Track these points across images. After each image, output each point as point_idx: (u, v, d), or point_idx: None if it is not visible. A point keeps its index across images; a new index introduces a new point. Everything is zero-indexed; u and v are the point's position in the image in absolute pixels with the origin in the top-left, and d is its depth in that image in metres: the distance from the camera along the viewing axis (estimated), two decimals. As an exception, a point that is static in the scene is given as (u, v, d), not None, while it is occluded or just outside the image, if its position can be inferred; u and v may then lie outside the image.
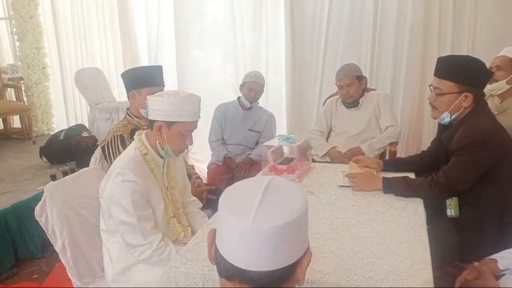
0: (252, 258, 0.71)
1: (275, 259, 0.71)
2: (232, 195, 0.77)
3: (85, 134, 3.95)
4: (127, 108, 2.25)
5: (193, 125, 1.61)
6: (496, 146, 1.68)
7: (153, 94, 1.65)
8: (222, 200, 0.77)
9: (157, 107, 1.56)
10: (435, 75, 1.81)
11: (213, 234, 0.80)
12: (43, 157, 3.84)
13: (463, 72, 1.73)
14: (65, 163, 3.47)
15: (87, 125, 4.43)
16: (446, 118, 1.82)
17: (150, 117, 1.61)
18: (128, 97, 2.20)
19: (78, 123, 4.81)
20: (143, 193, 1.53)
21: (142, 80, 2.14)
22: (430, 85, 1.86)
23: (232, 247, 0.73)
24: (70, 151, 3.69)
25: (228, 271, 0.74)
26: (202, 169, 3.83)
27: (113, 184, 1.51)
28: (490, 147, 1.67)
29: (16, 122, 5.22)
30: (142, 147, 1.62)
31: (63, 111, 5.31)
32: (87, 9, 4.99)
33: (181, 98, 1.55)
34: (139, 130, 1.72)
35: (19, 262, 2.78)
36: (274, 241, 0.70)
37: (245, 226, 0.70)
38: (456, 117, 1.81)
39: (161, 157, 1.68)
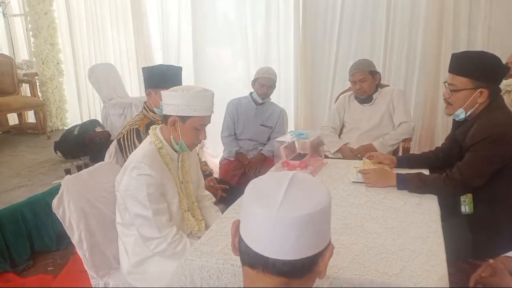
0: (276, 246, 0.73)
1: (298, 248, 0.73)
2: (259, 186, 0.80)
3: (99, 129, 4.00)
4: (144, 102, 2.27)
5: (206, 119, 1.63)
6: (510, 141, 1.65)
7: None
8: (249, 190, 0.79)
9: (171, 102, 1.57)
10: (449, 71, 1.79)
11: (236, 224, 0.82)
12: (57, 151, 3.90)
13: (478, 68, 1.71)
14: (79, 157, 3.52)
15: (100, 120, 4.48)
16: (461, 114, 1.80)
17: (164, 112, 1.63)
18: (145, 93, 2.22)
19: (92, 118, 4.86)
20: (158, 186, 1.55)
21: (161, 80, 2.14)
22: (444, 82, 1.84)
23: (256, 235, 0.75)
24: (84, 146, 3.73)
25: (251, 259, 0.76)
26: (215, 164, 3.86)
27: (129, 178, 1.53)
28: (504, 142, 1.65)
29: (31, 117, 5.31)
30: (157, 141, 1.64)
31: (77, 107, 5.38)
32: (100, 5, 5.03)
33: (195, 93, 1.56)
34: (154, 125, 1.74)
35: (35, 254, 2.84)
36: (297, 230, 0.72)
37: (271, 215, 0.72)
38: (471, 113, 1.79)
39: (176, 151, 1.70)
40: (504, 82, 2.57)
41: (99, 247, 1.72)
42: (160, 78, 2.16)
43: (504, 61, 2.57)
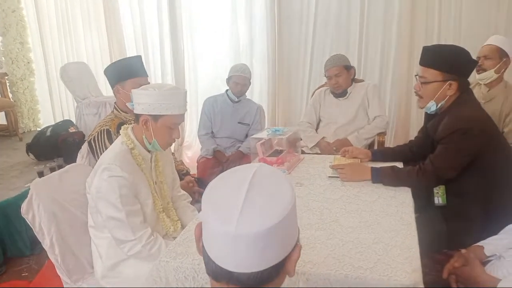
0: (239, 261, 0.69)
1: (263, 260, 0.70)
2: (216, 192, 0.74)
3: (72, 129, 3.90)
4: (115, 103, 2.23)
5: (179, 118, 1.60)
6: (480, 134, 1.69)
7: (137, 85, 1.63)
8: (206, 198, 0.74)
9: (142, 101, 1.54)
10: (420, 63, 1.82)
11: (200, 228, 0.78)
12: (30, 154, 3.78)
13: (447, 61, 1.74)
14: (53, 159, 3.43)
15: (74, 120, 4.37)
16: (432, 107, 1.83)
17: (135, 111, 1.59)
18: (113, 92, 2.17)
19: (65, 118, 4.74)
20: (130, 188, 1.52)
21: (124, 72, 2.11)
22: (416, 75, 1.87)
23: (217, 250, 0.71)
24: (57, 147, 3.64)
25: (215, 273, 0.72)
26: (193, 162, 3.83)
27: (100, 179, 1.49)
28: (474, 135, 1.68)
29: (1, 118, 5.13)
30: (128, 142, 1.60)
31: (50, 107, 5.22)
32: (71, 2, 4.90)
33: (167, 91, 1.53)
34: (125, 125, 1.70)
35: (7, 260, 2.76)
36: (260, 245, 0.68)
37: (229, 231, 0.67)
38: (442, 106, 1.82)
39: (148, 151, 1.67)
40: (476, 76, 2.62)
41: (72, 251, 1.67)
42: (124, 69, 2.13)
43: (475, 56, 2.63)
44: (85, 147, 2.18)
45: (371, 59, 3.87)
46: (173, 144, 4.39)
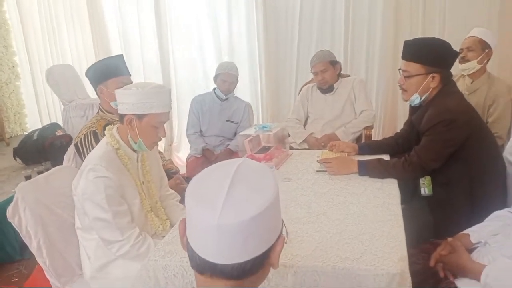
0: (222, 252, 0.70)
1: (246, 251, 0.70)
2: (199, 185, 0.75)
3: (59, 132, 3.85)
4: (99, 104, 2.21)
5: (164, 116, 1.59)
6: (463, 125, 1.72)
7: (120, 84, 1.62)
8: (189, 191, 0.74)
9: (126, 100, 1.53)
10: (402, 58, 1.84)
11: (184, 223, 0.78)
12: (17, 158, 3.74)
13: (428, 54, 1.77)
14: (40, 163, 3.40)
15: (61, 123, 4.33)
16: (416, 100, 1.86)
17: (119, 111, 1.58)
18: (97, 93, 2.16)
19: (52, 122, 4.69)
20: (116, 188, 1.51)
21: (106, 72, 2.09)
22: (399, 69, 1.89)
23: (200, 241, 0.72)
24: (44, 151, 3.60)
25: (199, 265, 0.73)
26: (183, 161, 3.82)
27: (86, 181, 1.48)
28: (458, 126, 1.71)
29: (-13, 124, 5.06)
30: (113, 142, 1.59)
31: (36, 111, 5.15)
32: (54, 5, 4.84)
33: (150, 90, 1.52)
34: (110, 125, 1.69)
35: (-4, 265, 2.73)
36: (243, 235, 0.69)
37: (212, 222, 0.68)
38: (426, 98, 1.84)
39: (134, 151, 1.66)
40: (460, 66, 2.66)
41: (60, 254, 1.66)
42: (104, 69, 2.11)
43: (457, 47, 2.66)
44: (71, 149, 2.17)
45: (356, 54, 3.89)
46: (163, 145, 4.40)
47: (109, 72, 2.08)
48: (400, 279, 1.14)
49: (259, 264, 0.73)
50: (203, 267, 0.72)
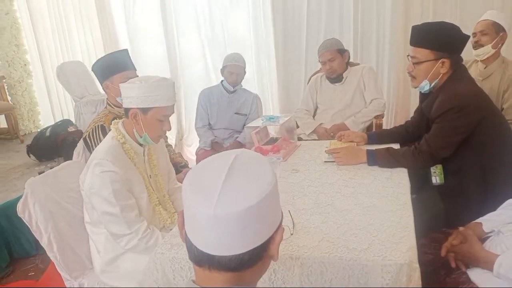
0: (219, 243, 0.69)
1: (243, 242, 0.70)
2: (197, 176, 0.74)
3: (71, 129, 3.91)
4: (107, 99, 2.22)
5: (168, 110, 1.58)
6: (475, 111, 1.67)
7: (126, 79, 1.62)
8: (186, 183, 0.74)
9: (130, 94, 1.53)
10: (411, 44, 1.79)
11: (182, 215, 0.77)
12: (31, 155, 3.81)
13: (437, 38, 1.71)
14: (53, 159, 3.45)
15: (73, 120, 4.38)
16: (425, 86, 1.81)
17: (124, 105, 1.58)
18: (103, 88, 2.17)
19: (64, 118, 4.75)
20: (123, 182, 1.51)
21: (111, 67, 2.10)
22: (407, 55, 1.84)
23: (198, 233, 0.71)
24: (57, 147, 3.66)
25: (197, 257, 0.72)
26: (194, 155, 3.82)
27: (92, 175, 1.49)
28: (469, 112, 1.66)
29: (2, 122, 5.15)
30: (119, 136, 1.59)
31: (49, 108, 5.23)
32: (63, 2, 4.88)
33: (154, 83, 1.51)
34: (115, 119, 1.69)
35: (14, 261, 2.79)
36: (240, 225, 0.68)
37: (208, 212, 0.67)
38: (436, 84, 1.79)
39: (141, 145, 1.66)
40: (473, 52, 2.58)
41: (71, 248, 1.68)
42: (109, 65, 2.12)
43: (471, 32, 2.58)
44: (80, 144, 2.18)
45: (366, 42, 3.82)
46: (173, 139, 4.41)
47: (114, 67, 2.08)
48: (408, 270, 1.11)
49: (258, 256, 0.72)
50: (200, 259, 0.72)
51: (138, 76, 2.07)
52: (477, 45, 2.54)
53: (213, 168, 0.74)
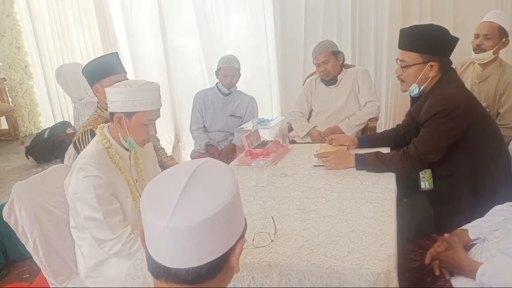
0: (175, 256, 0.68)
1: (199, 255, 0.68)
2: (154, 188, 0.73)
3: (69, 131, 3.93)
4: (97, 102, 2.22)
5: (153, 114, 1.57)
6: (464, 113, 1.64)
7: (115, 82, 1.62)
8: (144, 194, 0.73)
9: (115, 99, 1.52)
10: (399, 47, 1.78)
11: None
12: (29, 156, 3.84)
13: (426, 41, 1.69)
14: (51, 161, 3.47)
15: (72, 121, 4.40)
16: (415, 90, 1.79)
17: (109, 110, 1.58)
18: (93, 91, 2.17)
19: (65, 120, 4.78)
20: (107, 187, 1.51)
21: (100, 71, 2.10)
22: (396, 59, 1.82)
23: (154, 245, 0.70)
24: (55, 149, 3.68)
25: (155, 269, 0.71)
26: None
27: (76, 180, 1.49)
28: (457, 115, 1.63)
29: (3, 123, 5.20)
30: (104, 141, 1.59)
31: (49, 109, 5.27)
32: (62, 5, 4.91)
33: (138, 87, 1.51)
34: (101, 124, 1.69)
35: (9, 263, 2.79)
36: (195, 238, 0.67)
37: (162, 225, 0.66)
38: (425, 88, 1.77)
39: (126, 149, 1.66)
40: (473, 55, 2.54)
41: (56, 253, 1.67)
42: (99, 68, 2.12)
43: (473, 32, 2.53)
44: (71, 148, 2.19)
45: (364, 44, 3.79)
46: (171, 145, 4.39)
47: (104, 71, 2.09)
48: (386, 279, 1.10)
49: (217, 268, 0.71)
50: (158, 271, 0.71)
51: (128, 79, 2.08)
52: (479, 49, 2.47)
53: (172, 179, 0.73)
